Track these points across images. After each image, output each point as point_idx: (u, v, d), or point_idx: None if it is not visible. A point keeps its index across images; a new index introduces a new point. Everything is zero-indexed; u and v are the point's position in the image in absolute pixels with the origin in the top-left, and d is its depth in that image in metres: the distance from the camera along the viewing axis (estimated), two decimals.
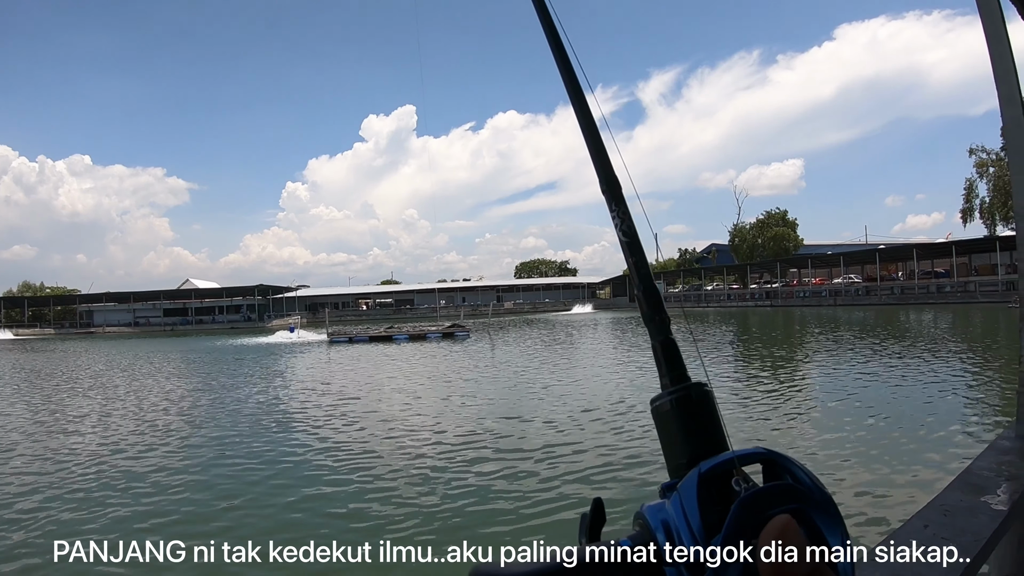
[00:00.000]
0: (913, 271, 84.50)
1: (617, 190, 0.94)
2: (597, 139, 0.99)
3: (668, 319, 0.86)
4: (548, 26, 1.08)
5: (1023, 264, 4.05)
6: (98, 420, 18.18)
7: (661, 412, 0.77)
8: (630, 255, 0.89)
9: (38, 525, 9.64)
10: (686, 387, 0.78)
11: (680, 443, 0.74)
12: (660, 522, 0.63)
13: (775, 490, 0.60)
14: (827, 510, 0.61)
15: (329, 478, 11.36)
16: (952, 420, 13.93)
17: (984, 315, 49.59)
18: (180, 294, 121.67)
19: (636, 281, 0.88)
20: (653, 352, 0.84)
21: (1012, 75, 3.87)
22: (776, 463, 0.65)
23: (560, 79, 1.06)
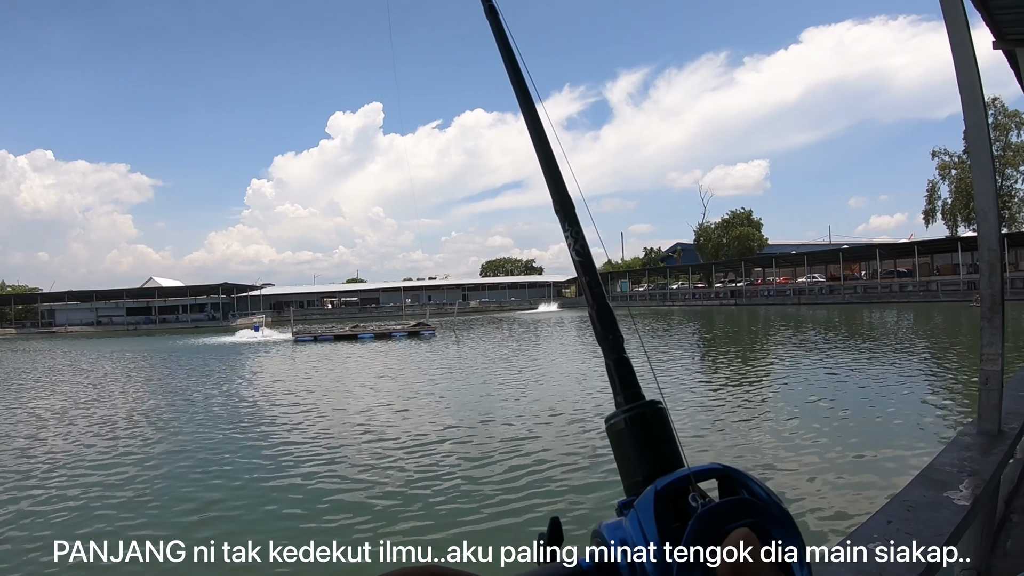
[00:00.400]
0: (876, 271, 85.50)
1: (571, 210, 0.97)
2: (551, 159, 1.01)
3: (621, 337, 0.88)
4: (504, 46, 1.13)
5: (984, 264, 4.15)
6: (57, 423, 17.91)
7: (616, 431, 0.78)
8: (583, 274, 0.92)
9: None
10: (640, 405, 0.78)
11: (635, 461, 0.75)
12: (619, 540, 0.63)
13: (732, 505, 0.60)
14: (784, 524, 0.60)
15: (287, 479, 11.25)
16: (915, 417, 14.10)
17: (946, 314, 50.28)
18: (143, 293, 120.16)
19: (590, 300, 0.90)
20: (607, 370, 0.85)
21: (975, 80, 3.96)
22: (732, 478, 0.65)
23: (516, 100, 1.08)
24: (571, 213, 0.97)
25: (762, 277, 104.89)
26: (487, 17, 1.19)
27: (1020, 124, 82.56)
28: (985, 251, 4.12)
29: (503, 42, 1.14)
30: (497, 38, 1.15)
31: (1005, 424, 4.14)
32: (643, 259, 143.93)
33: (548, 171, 1.01)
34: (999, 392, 4.09)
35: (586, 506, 8.97)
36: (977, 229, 4.26)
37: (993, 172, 4.15)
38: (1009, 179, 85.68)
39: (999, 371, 4.11)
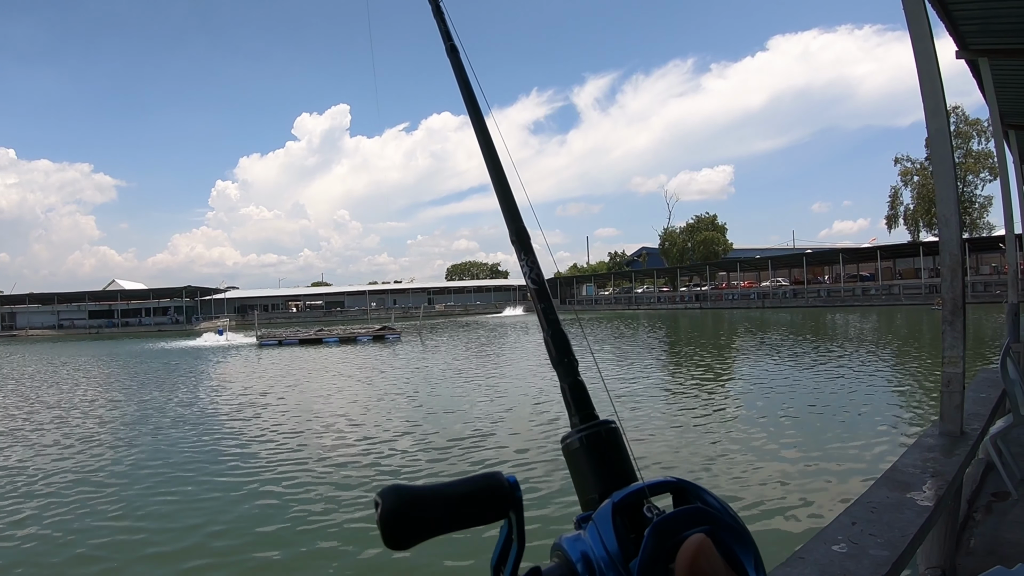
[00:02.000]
0: (839, 274, 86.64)
1: (526, 240, 1.01)
2: (508, 193, 1.04)
3: (576, 361, 0.89)
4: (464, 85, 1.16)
5: (946, 269, 4.22)
6: (14, 431, 17.64)
7: (571, 450, 0.80)
8: (539, 301, 0.95)
9: None
10: (595, 425, 0.80)
11: (591, 478, 0.76)
12: (579, 553, 0.64)
13: (686, 513, 0.61)
14: (738, 532, 0.61)
15: (251, 486, 11.12)
16: (877, 419, 14.24)
17: (908, 317, 51.03)
18: (106, 295, 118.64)
19: (545, 326, 0.92)
20: (562, 393, 0.87)
21: (938, 89, 4.03)
22: (686, 491, 0.66)
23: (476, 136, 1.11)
24: (527, 243, 1.01)
25: (727, 281, 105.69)
26: (448, 56, 1.23)
27: (981, 132, 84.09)
28: (947, 256, 4.18)
29: (463, 80, 1.18)
30: (458, 76, 1.19)
31: (967, 425, 4.21)
32: (608, 263, 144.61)
33: (504, 204, 1.04)
34: (961, 394, 4.16)
35: (543, 521, 8.94)
36: (939, 234, 4.33)
37: (955, 179, 4.22)
38: (970, 185, 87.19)
39: (960, 373, 4.18)
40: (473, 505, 0.68)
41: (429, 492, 0.67)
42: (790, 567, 2.38)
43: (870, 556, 2.43)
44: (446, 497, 0.67)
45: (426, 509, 0.66)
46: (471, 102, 1.14)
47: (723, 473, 10.75)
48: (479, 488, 0.69)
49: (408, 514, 0.64)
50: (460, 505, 0.67)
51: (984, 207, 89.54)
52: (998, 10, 5.89)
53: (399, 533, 0.64)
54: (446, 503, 0.67)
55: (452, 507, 0.67)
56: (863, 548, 2.49)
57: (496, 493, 0.69)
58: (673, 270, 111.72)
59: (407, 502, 0.65)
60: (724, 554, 0.59)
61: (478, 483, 0.69)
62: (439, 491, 0.67)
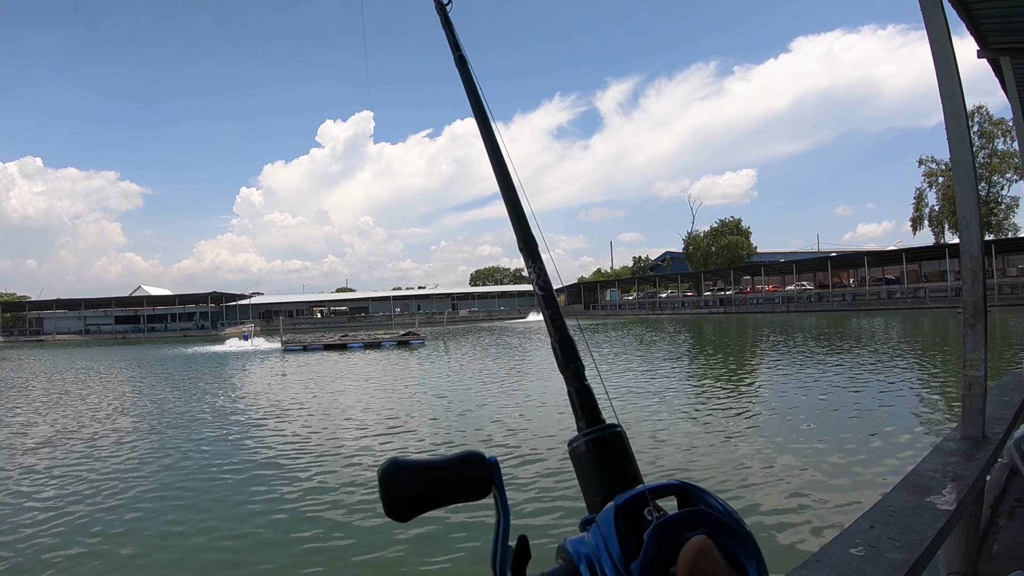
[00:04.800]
0: (864, 278, 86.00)
1: (534, 247, 1.06)
2: (516, 202, 1.11)
3: (583, 366, 0.93)
4: (473, 95, 1.22)
5: (967, 271, 4.18)
6: (44, 435, 17.82)
7: (577, 453, 0.83)
8: (545, 307, 0.99)
9: None
10: (600, 429, 0.83)
11: (596, 481, 0.79)
12: (582, 555, 0.66)
13: (687, 515, 0.62)
14: (740, 535, 0.62)
15: (276, 492, 11.18)
16: (899, 423, 14.16)
17: (933, 320, 50.53)
18: (132, 301, 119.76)
19: (552, 332, 0.96)
20: (569, 397, 0.90)
21: (957, 90, 4.00)
22: (690, 494, 0.68)
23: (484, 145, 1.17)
24: (535, 251, 1.06)
25: (751, 285, 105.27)
26: (457, 66, 1.29)
27: (1005, 132, 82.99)
28: (967, 259, 4.14)
29: (472, 91, 1.23)
30: (466, 86, 1.25)
31: (989, 429, 4.16)
32: (632, 268, 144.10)
33: (513, 212, 1.10)
34: (982, 397, 4.11)
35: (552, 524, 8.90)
36: (959, 237, 4.29)
37: (975, 181, 4.18)
38: (995, 186, 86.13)
39: (982, 377, 4.13)
40: (458, 479, 0.76)
41: (421, 464, 0.75)
42: (807, 569, 2.37)
43: (887, 560, 2.41)
44: (435, 469, 0.75)
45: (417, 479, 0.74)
46: (479, 112, 1.19)
47: (742, 475, 10.70)
48: (464, 463, 0.76)
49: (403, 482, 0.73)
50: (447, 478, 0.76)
51: (1010, 208, 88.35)
52: (1019, 8, 5.83)
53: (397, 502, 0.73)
54: (435, 474, 0.75)
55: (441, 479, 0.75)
56: (881, 551, 2.47)
57: (479, 468, 0.77)
58: (697, 275, 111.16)
59: (401, 472, 0.73)
60: (726, 557, 0.59)
61: (463, 459, 0.77)
62: (429, 463, 0.76)
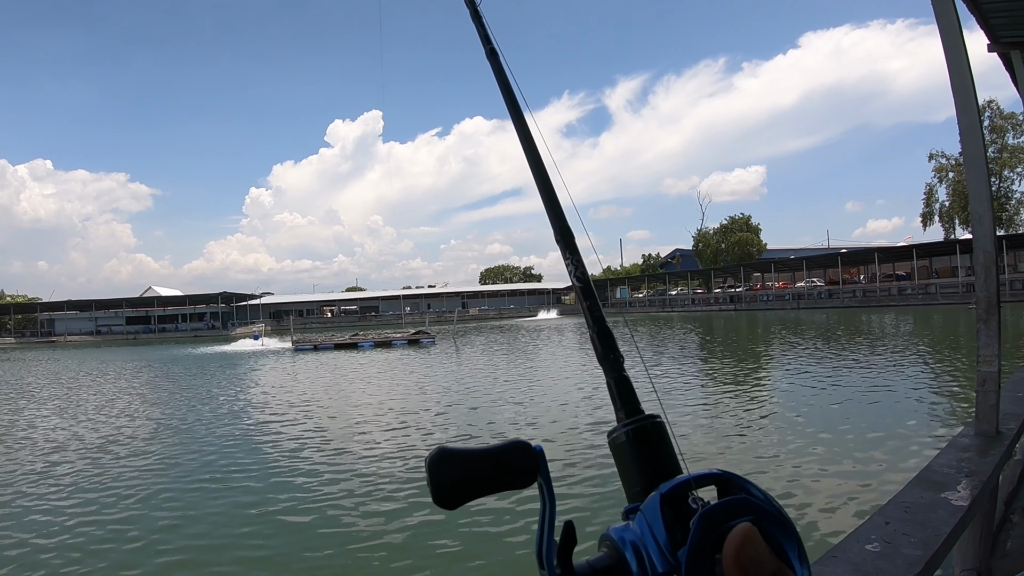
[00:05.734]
0: (875, 274, 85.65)
1: (571, 240, 1.05)
2: (552, 195, 1.09)
3: (622, 357, 0.93)
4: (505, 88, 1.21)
5: (980, 267, 4.17)
6: (54, 436, 17.88)
7: (617, 444, 0.83)
8: (583, 299, 0.98)
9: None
10: (640, 419, 0.83)
11: (637, 471, 0.80)
12: (628, 543, 0.67)
13: (732, 503, 0.63)
14: (782, 523, 0.63)
15: (289, 493, 11.16)
16: (913, 419, 14.12)
17: (945, 316, 50.25)
18: (142, 302, 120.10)
19: (590, 323, 0.96)
20: (608, 388, 0.90)
21: (968, 85, 3.98)
22: (731, 483, 0.68)
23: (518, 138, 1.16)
24: (571, 243, 1.05)
25: (761, 282, 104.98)
26: (488, 59, 1.27)
27: (1016, 126, 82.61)
28: (980, 254, 4.13)
29: (504, 84, 1.22)
30: (498, 79, 1.24)
31: (1003, 425, 4.15)
32: (642, 265, 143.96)
33: (549, 204, 1.09)
34: (996, 393, 4.10)
35: (590, 513, 8.95)
36: (972, 232, 4.27)
37: (987, 176, 4.17)
38: (1006, 180, 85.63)
39: (996, 372, 4.12)
40: (505, 467, 0.74)
41: (468, 452, 0.73)
42: (824, 565, 2.37)
43: (903, 555, 2.41)
44: (482, 458, 0.74)
45: (465, 467, 0.73)
46: (512, 104, 1.19)
47: (757, 471, 10.67)
48: (510, 452, 0.75)
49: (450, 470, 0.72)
50: (493, 466, 0.74)
51: (1021, 203, 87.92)
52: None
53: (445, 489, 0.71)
54: (482, 462, 0.73)
55: (487, 467, 0.74)
56: (896, 547, 2.47)
57: (525, 458, 0.75)
58: (707, 272, 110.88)
59: (449, 461, 0.72)
60: (768, 543, 0.60)
61: (509, 447, 0.75)
62: (477, 452, 0.74)
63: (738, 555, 0.57)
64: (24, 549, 8.90)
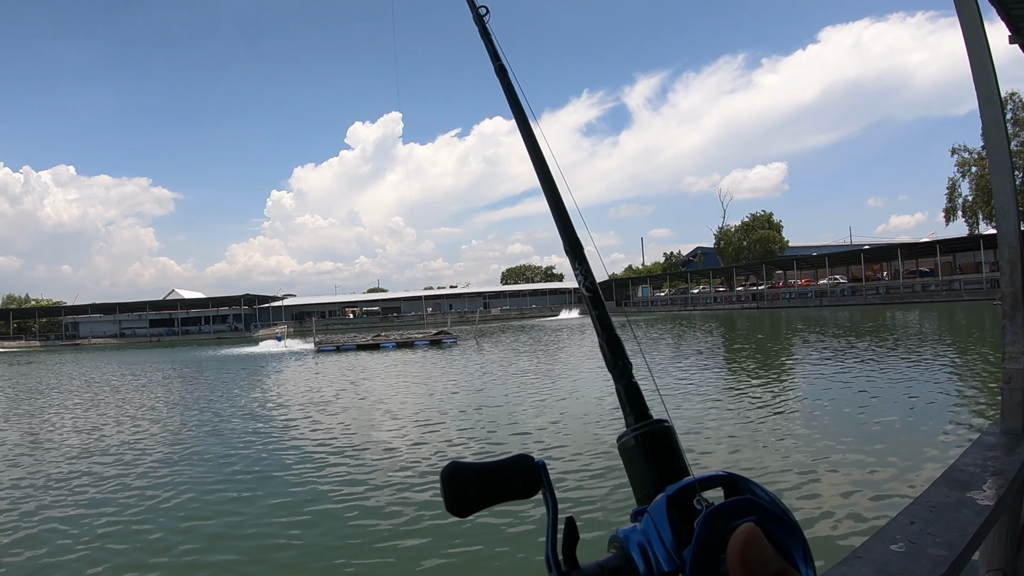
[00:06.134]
0: (898, 271, 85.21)
1: (580, 251, 1.08)
2: (560, 204, 1.13)
3: (630, 363, 0.96)
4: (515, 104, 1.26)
5: (1005, 262, 4.11)
6: (86, 437, 18.01)
7: (627, 447, 0.86)
8: (593, 308, 1.02)
9: None
10: (649, 424, 0.86)
11: (645, 474, 0.82)
12: (636, 544, 0.69)
13: (736, 504, 0.64)
14: (787, 523, 0.64)
15: (315, 492, 11.24)
16: (938, 417, 13.99)
17: (969, 313, 49.83)
18: (166, 304, 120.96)
19: (600, 331, 0.99)
20: (617, 394, 0.94)
21: (991, 77, 3.93)
22: (736, 484, 0.70)
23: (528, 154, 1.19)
24: (580, 253, 1.08)
25: (783, 280, 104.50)
26: (497, 76, 1.32)
27: None
28: (1005, 249, 4.07)
29: (513, 99, 1.26)
30: (508, 95, 1.28)
31: None
32: (663, 264, 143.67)
33: (559, 217, 1.12)
34: (1022, 391, 4.05)
35: (604, 514, 8.92)
36: (997, 227, 4.22)
37: (1011, 169, 4.11)
38: None
39: (1022, 369, 4.07)
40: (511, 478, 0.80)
41: (476, 466, 0.80)
42: (847, 566, 2.34)
43: (928, 556, 2.38)
44: (491, 471, 0.80)
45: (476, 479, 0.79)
46: (521, 118, 1.22)
47: (781, 471, 10.62)
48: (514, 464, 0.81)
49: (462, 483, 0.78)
50: (502, 478, 0.80)
51: None
52: None
53: (457, 499, 0.78)
54: (491, 475, 0.80)
55: (496, 479, 0.80)
56: (921, 547, 2.44)
57: (529, 470, 0.80)
58: (729, 270, 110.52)
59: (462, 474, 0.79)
60: (773, 544, 0.61)
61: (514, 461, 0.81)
62: (484, 466, 0.80)
63: (742, 554, 0.58)
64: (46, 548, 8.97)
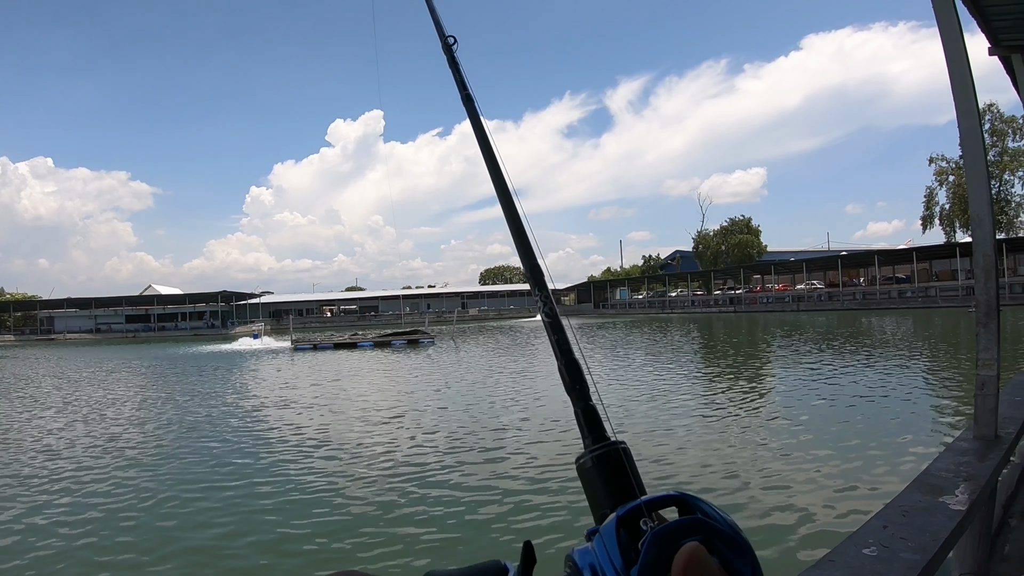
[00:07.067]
0: (875, 277, 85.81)
1: (541, 278, 1.11)
2: (523, 234, 1.17)
3: (588, 387, 0.97)
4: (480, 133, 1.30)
5: (980, 270, 4.16)
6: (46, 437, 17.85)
7: (584, 468, 0.87)
8: (552, 333, 1.03)
9: None
10: (605, 445, 0.87)
11: (602, 494, 0.83)
12: (587, 564, 0.69)
13: (682, 524, 0.65)
14: (736, 542, 0.64)
15: (279, 494, 11.10)
16: (911, 423, 14.08)
17: (945, 319, 50.34)
18: (142, 300, 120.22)
19: (558, 355, 1.01)
20: (575, 417, 0.94)
21: (969, 89, 3.98)
22: (688, 503, 0.70)
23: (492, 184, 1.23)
24: (541, 280, 1.10)
25: (761, 284, 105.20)
26: (464, 105, 1.37)
27: (1016, 130, 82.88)
28: (980, 257, 4.13)
29: (479, 128, 1.30)
30: (473, 124, 1.32)
31: (1002, 429, 4.14)
32: (642, 266, 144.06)
33: (520, 246, 1.16)
34: (995, 397, 4.09)
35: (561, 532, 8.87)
36: (972, 235, 4.27)
37: (987, 179, 4.16)
38: (1006, 184, 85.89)
39: (995, 376, 4.11)
40: None
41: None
42: (820, 569, 2.36)
43: (901, 560, 2.40)
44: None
45: None
46: (485, 147, 1.26)
47: (752, 476, 10.65)
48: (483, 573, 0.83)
49: None
50: None
51: (1021, 206, 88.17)
52: None
53: None
54: None
55: None
56: (894, 552, 2.46)
57: None
58: (707, 273, 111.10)
59: None
60: (722, 563, 0.62)
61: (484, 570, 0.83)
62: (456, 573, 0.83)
63: (684, 573, 0.58)
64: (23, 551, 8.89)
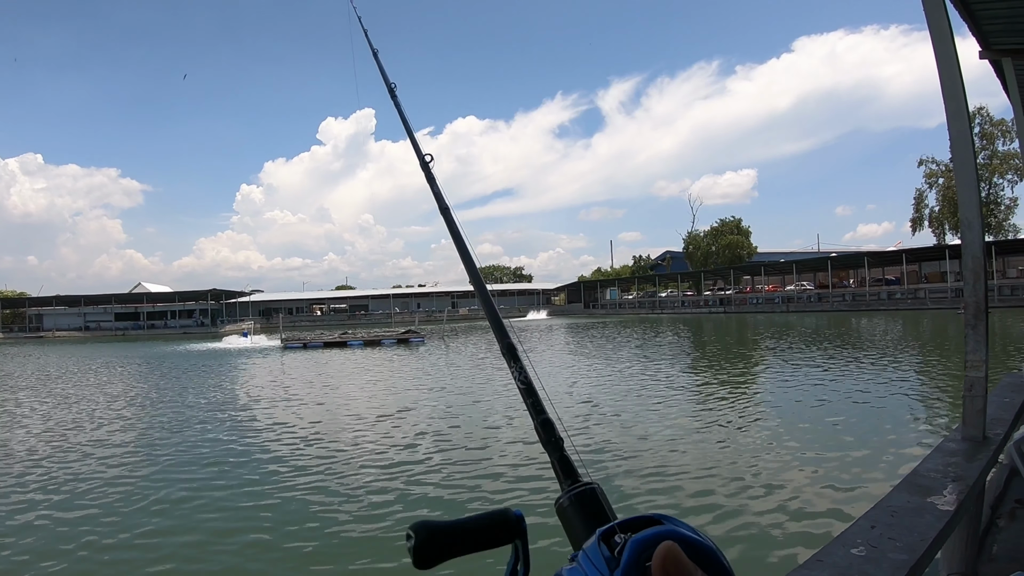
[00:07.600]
0: (864, 278, 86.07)
1: (514, 352, 1.23)
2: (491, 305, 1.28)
3: (561, 440, 1.07)
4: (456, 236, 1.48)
5: (968, 272, 4.19)
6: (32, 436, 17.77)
7: (563, 508, 0.92)
8: (527, 397, 1.15)
9: None
10: (580, 486, 0.93)
11: (581, 528, 0.88)
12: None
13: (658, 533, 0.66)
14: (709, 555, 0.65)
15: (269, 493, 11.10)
16: (900, 423, 14.16)
17: (933, 321, 50.52)
18: (132, 298, 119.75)
19: (534, 416, 1.11)
20: (552, 466, 1.03)
21: (959, 91, 4.00)
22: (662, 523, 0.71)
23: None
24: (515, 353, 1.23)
25: (751, 285, 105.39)
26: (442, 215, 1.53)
27: (1006, 133, 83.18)
28: (969, 259, 4.15)
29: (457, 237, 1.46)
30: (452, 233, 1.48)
31: (990, 430, 4.16)
32: (632, 267, 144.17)
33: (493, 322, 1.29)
34: (983, 398, 4.12)
35: None
36: (961, 237, 4.30)
37: (977, 182, 4.19)
38: (995, 187, 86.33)
39: (983, 377, 4.14)
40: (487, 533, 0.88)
41: (452, 525, 0.85)
42: (809, 569, 2.37)
43: (889, 559, 2.41)
44: (465, 529, 0.86)
45: (449, 538, 0.85)
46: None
47: (742, 477, 10.67)
48: (493, 521, 0.89)
49: (435, 543, 0.84)
50: (477, 534, 0.87)
51: (1010, 208, 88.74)
52: (1022, 8, 5.82)
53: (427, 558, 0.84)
54: (465, 533, 0.86)
55: (471, 536, 0.87)
56: (882, 551, 2.48)
57: (506, 525, 0.89)
58: (697, 274, 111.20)
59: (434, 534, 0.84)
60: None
61: (492, 517, 0.89)
62: (460, 524, 0.86)
63: (663, 566, 0.60)
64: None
